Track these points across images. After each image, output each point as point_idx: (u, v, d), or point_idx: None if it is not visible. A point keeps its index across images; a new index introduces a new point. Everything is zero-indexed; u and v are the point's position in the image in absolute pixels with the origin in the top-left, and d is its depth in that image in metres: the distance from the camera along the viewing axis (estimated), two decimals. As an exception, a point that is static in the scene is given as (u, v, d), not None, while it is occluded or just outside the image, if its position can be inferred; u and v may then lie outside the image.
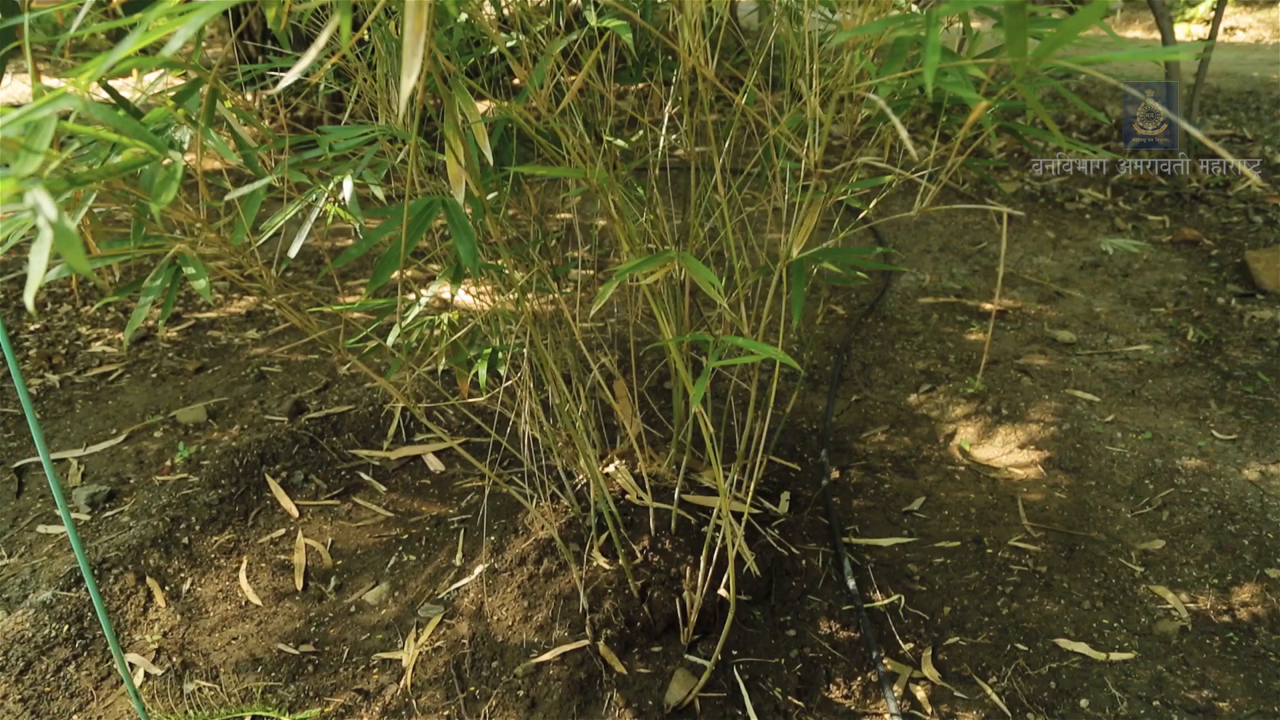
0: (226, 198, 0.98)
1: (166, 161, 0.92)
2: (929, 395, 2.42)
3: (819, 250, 0.94)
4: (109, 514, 2.00)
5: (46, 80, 5.37)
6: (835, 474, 2.08)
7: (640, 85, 1.33)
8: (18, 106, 0.80)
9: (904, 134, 0.59)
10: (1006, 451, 2.17)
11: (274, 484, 2.08)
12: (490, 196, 1.12)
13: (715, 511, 1.44)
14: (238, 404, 2.44)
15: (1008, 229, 3.61)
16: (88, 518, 1.99)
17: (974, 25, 0.87)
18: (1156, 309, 2.95)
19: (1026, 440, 2.19)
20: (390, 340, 1.18)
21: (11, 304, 3.10)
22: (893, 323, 2.85)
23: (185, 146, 1.10)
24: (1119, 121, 4.81)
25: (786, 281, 0.95)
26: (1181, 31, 8.02)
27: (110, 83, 1.03)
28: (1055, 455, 2.13)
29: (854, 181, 0.99)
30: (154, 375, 2.61)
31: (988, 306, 2.94)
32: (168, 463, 2.17)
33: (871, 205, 1.13)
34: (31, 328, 2.90)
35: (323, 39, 0.68)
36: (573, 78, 1.06)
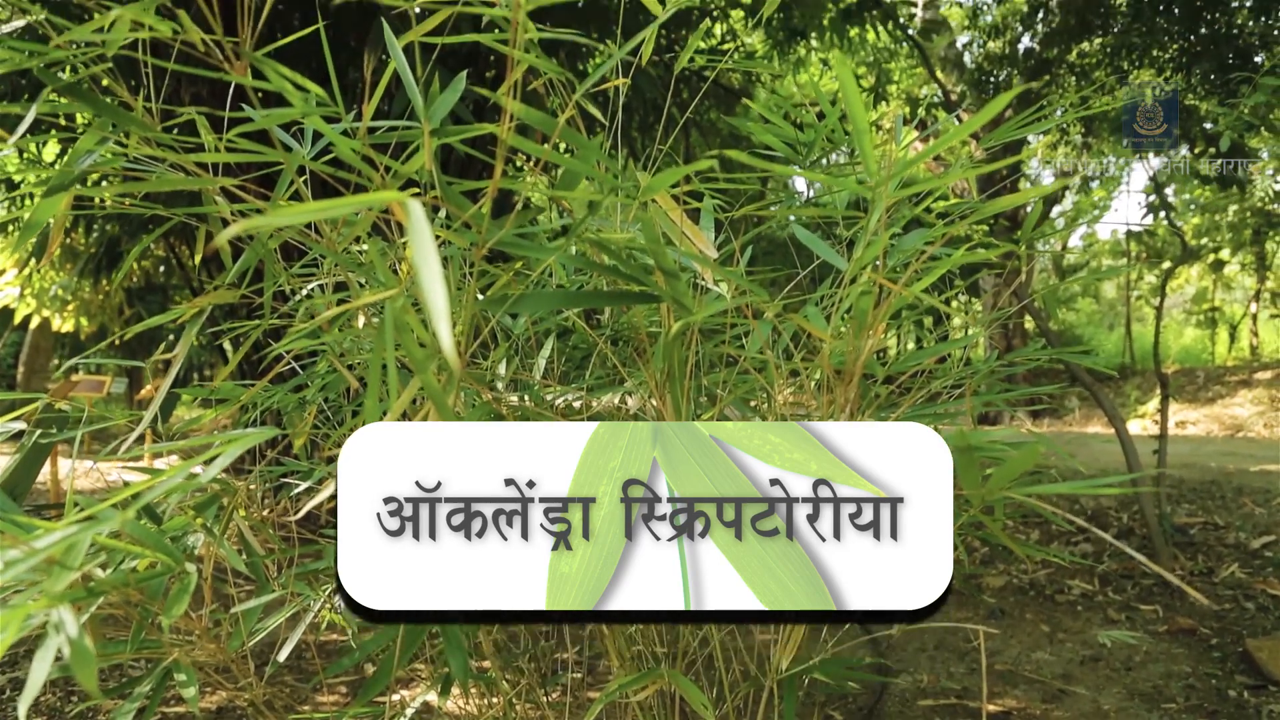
0: (231, 611, 1.01)
1: (179, 572, 0.96)
2: (941, 808, 2.24)
3: (810, 665, 0.96)
4: None
5: (63, 461, 5.60)
6: None
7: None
8: (48, 507, 0.86)
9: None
10: None
11: None
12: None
13: None
14: (190, 817, 2.23)
15: (1001, 625, 3.59)
16: None
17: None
18: (1168, 704, 2.83)
19: None
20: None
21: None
22: (895, 723, 2.71)
23: (197, 550, 1.15)
24: (1095, 512, 4.99)
25: (778, 694, 0.96)
26: (1136, 426, 8.59)
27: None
28: None
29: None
30: (104, 781, 2.42)
31: (993, 708, 2.82)
32: None
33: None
34: (-16, 724, 2.73)
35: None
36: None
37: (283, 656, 1.15)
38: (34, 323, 8.91)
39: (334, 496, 1.13)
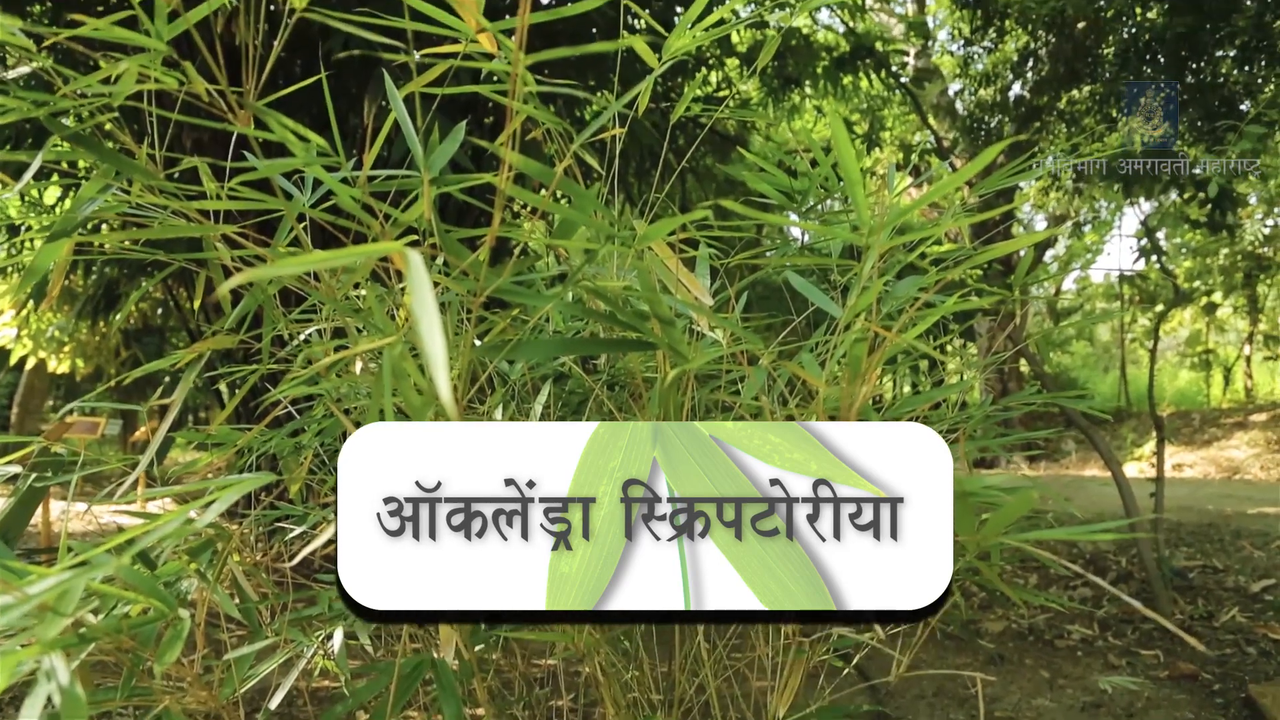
0: (224, 657, 1.00)
1: (173, 619, 0.95)
2: None
3: (807, 713, 0.95)
4: None
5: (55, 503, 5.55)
6: None
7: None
8: (40, 551, 0.86)
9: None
10: None
11: None
12: (478, 648, 1.14)
13: None
14: None
15: (1000, 671, 3.55)
16: None
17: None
18: (1171, 754, 2.79)
19: None
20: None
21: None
22: (895, 772, 2.67)
23: (190, 595, 1.14)
24: (1093, 556, 4.96)
25: (774, 743, 0.95)
26: (1133, 469, 8.58)
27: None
28: None
29: (834, 640, 1.03)
30: (88, 834, 2.36)
31: (991, 755, 2.78)
32: None
33: (854, 662, 1.16)
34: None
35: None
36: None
37: (274, 704, 1.13)
38: (30, 364, 8.90)
39: (330, 542, 1.13)
